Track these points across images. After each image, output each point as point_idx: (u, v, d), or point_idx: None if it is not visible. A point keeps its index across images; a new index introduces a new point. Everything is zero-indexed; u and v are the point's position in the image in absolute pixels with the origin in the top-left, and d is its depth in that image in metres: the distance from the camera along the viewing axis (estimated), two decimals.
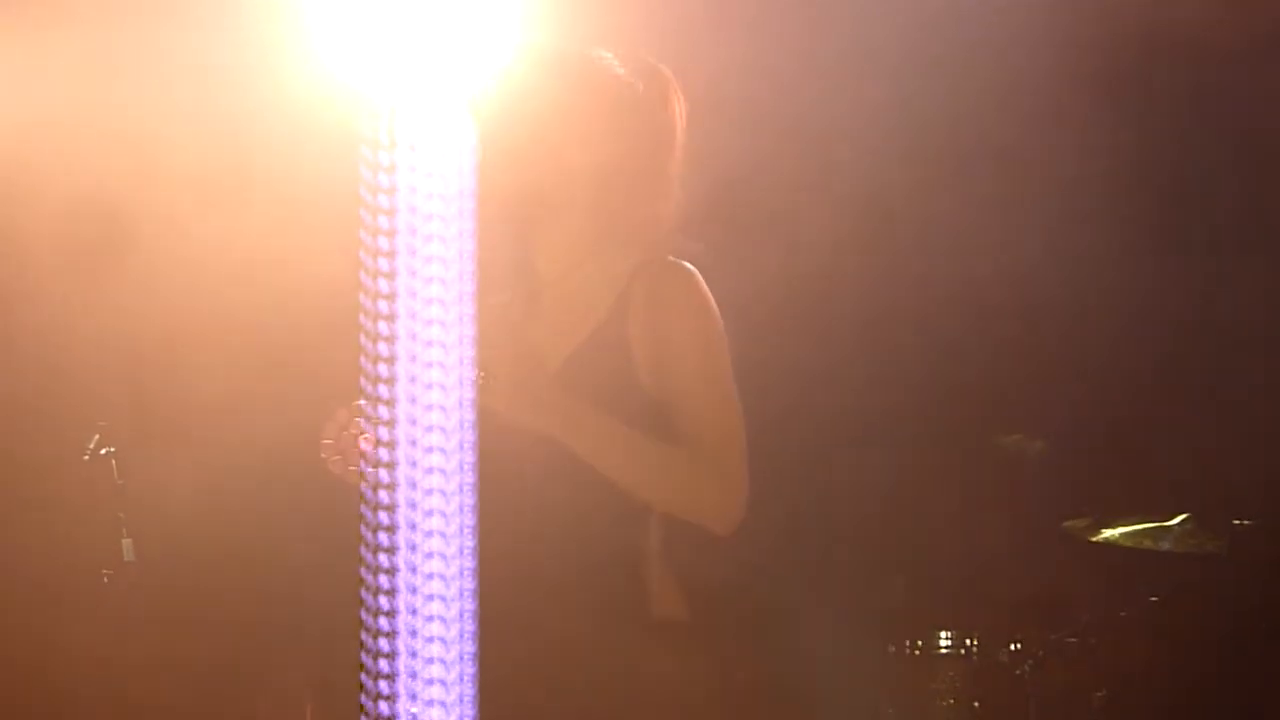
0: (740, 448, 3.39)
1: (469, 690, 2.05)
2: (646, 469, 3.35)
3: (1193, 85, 5.89)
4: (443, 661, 2.02)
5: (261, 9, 4.34)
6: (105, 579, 4.92)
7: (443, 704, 2.02)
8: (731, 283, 3.72)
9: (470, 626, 2.06)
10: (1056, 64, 5.54)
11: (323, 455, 3.35)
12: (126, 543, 4.88)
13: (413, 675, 2.01)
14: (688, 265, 3.46)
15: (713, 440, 3.37)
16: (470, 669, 2.04)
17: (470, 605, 2.09)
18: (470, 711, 2.02)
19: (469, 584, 2.09)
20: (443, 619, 2.02)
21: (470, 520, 2.11)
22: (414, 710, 1.99)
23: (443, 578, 2.02)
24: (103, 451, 4.96)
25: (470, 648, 2.04)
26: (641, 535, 3.43)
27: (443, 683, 2.03)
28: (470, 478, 2.12)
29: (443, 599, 2.03)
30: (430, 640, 2.02)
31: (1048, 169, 5.87)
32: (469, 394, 2.09)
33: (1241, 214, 6.01)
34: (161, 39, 4.95)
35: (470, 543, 2.10)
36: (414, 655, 2.00)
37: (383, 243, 2.02)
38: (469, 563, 2.09)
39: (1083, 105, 5.83)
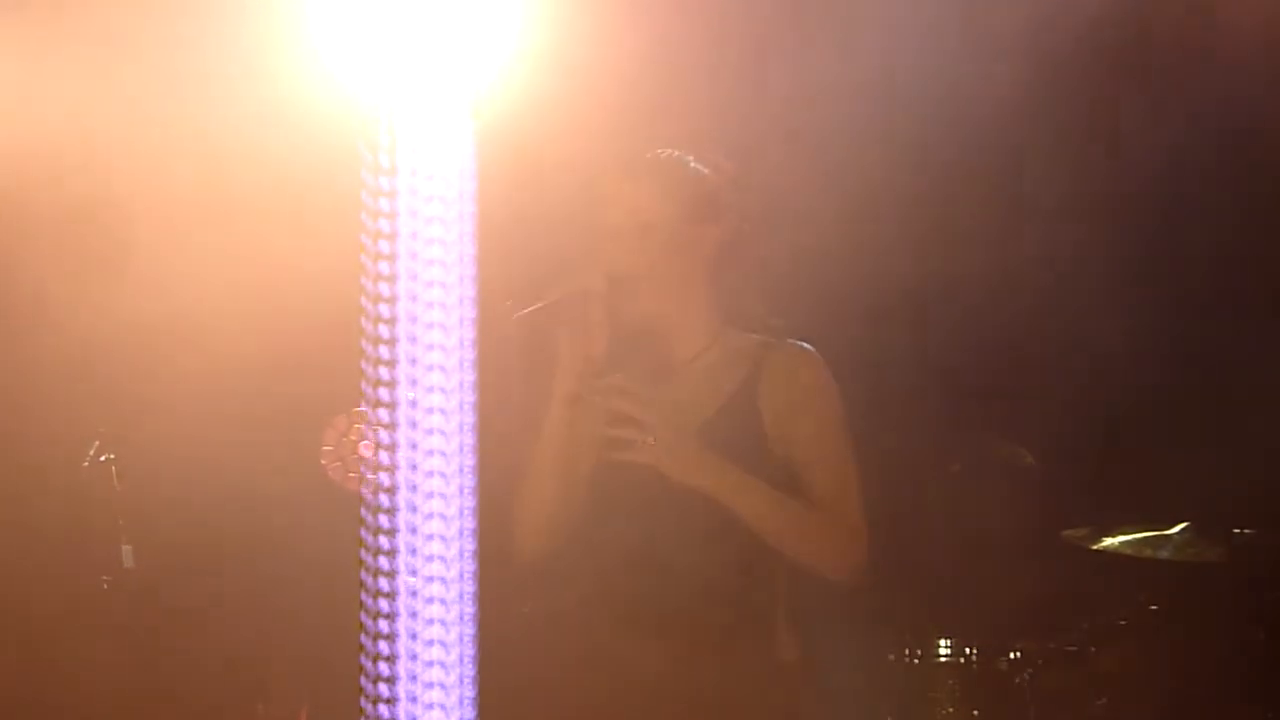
0: (861, 510, 3.94)
1: (469, 693, 2.04)
2: (787, 522, 3.87)
3: (1191, 88, 5.89)
4: (443, 665, 2.02)
5: (264, 14, 4.34)
6: (105, 585, 4.91)
7: (442, 714, 2.02)
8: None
9: (470, 630, 2.06)
10: (1056, 67, 5.55)
11: (323, 461, 3.37)
12: (126, 549, 4.88)
13: (413, 678, 2.01)
14: (812, 349, 3.99)
15: (839, 501, 3.91)
16: (470, 672, 2.04)
17: (470, 609, 2.09)
18: (470, 713, 2.02)
19: (469, 587, 2.09)
20: (443, 622, 2.03)
21: (470, 525, 2.11)
22: (414, 712, 1.99)
23: (443, 581, 2.02)
24: (102, 458, 4.95)
25: (470, 651, 2.04)
26: (771, 587, 3.95)
27: (443, 686, 2.03)
28: (470, 483, 2.12)
29: (443, 602, 2.03)
30: (430, 644, 2.02)
31: (1047, 179, 5.87)
32: (469, 400, 2.09)
33: (1240, 222, 6.01)
34: (161, 42, 4.95)
35: (470, 546, 2.10)
36: (414, 658, 2.00)
37: (384, 247, 2.02)
38: (469, 566, 2.09)
39: (1083, 112, 5.83)
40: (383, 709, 1.99)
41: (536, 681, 4.03)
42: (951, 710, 5.61)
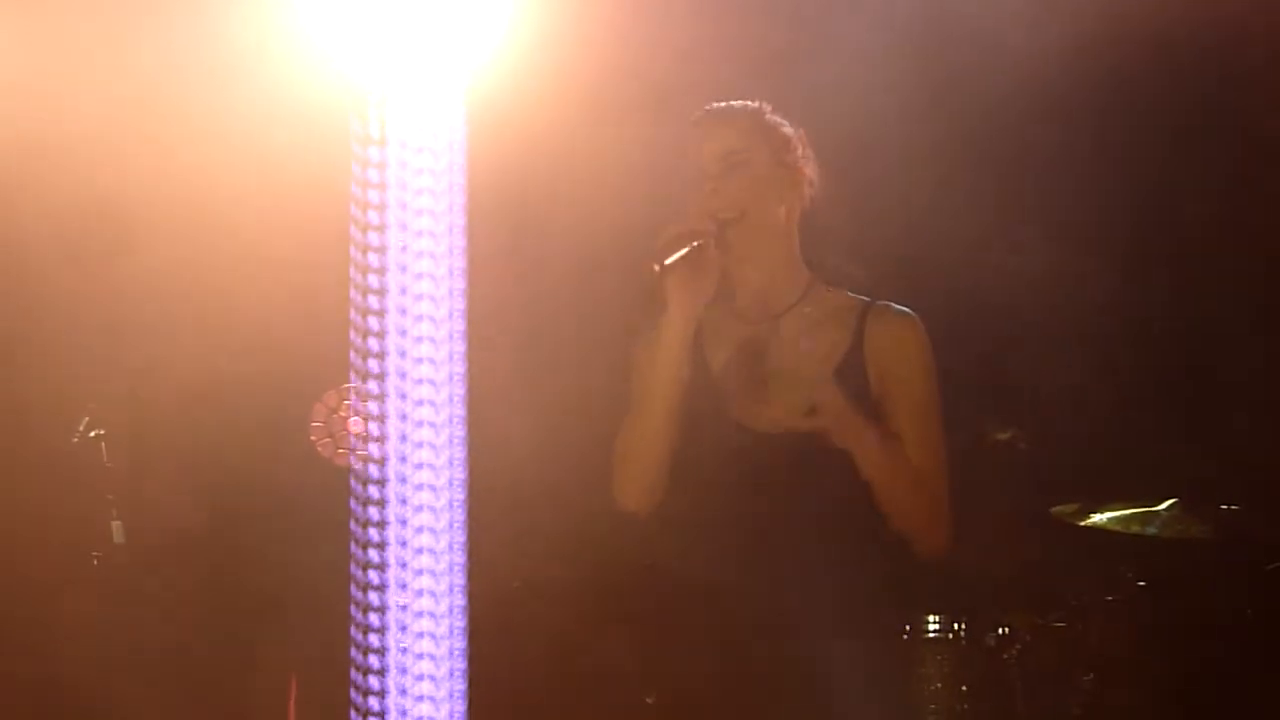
0: (946, 484, 3.95)
1: (459, 667, 2.05)
2: (896, 471, 3.87)
3: (1188, 86, 5.90)
4: (432, 636, 2.02)
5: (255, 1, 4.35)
6: (95, 561, 4.92)
7: (432, 684, 2.02)
8: None
9: (460, 602, 2.06)
10: (1054, 64, 5.55)
11: (312, 436, 3.37)
12: (116, 524, 4.88)
13: (403, 651, 2.01)
14: (913, 314, 4.00)
15: (932, 473, 3.93)
16: (460, 644, 2.04)
17: (460, 582, 2.09)
18: (460, 687, 2.03)
19: (459, 561, 2.09)
20: (433, 594, 2.03)
21: (461, 499, 2.11)
22: (404, 684, 2.00)
23: (433, 552, 2.03)
24: (92, 434, 4.95)
25: (460, 622, 2.04)
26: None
27: (432, 659, 2.03)
28: (461, 456, 2.12)
29: (432, 573, 2.03)
30: (420, 615, 2.03)
31: (1040, 166, 5.88)
32: (459, 377, 2.09)
33: (1230, 208, 6.02)
34: (151, 28, 4.94)
35: (461, 520, 2.10)
36: (403, 630, 2.00)
37: (373, 219, 2.02)
38: (460, 540, 2.09)
39: (1076, 106, 5.83)
40: (372, 680, 1.99)
41: (522, 654, 4.02)
42: (939, 686, 5.61)
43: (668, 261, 3.75)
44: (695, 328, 3.86)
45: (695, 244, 3.79)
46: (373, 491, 2.03)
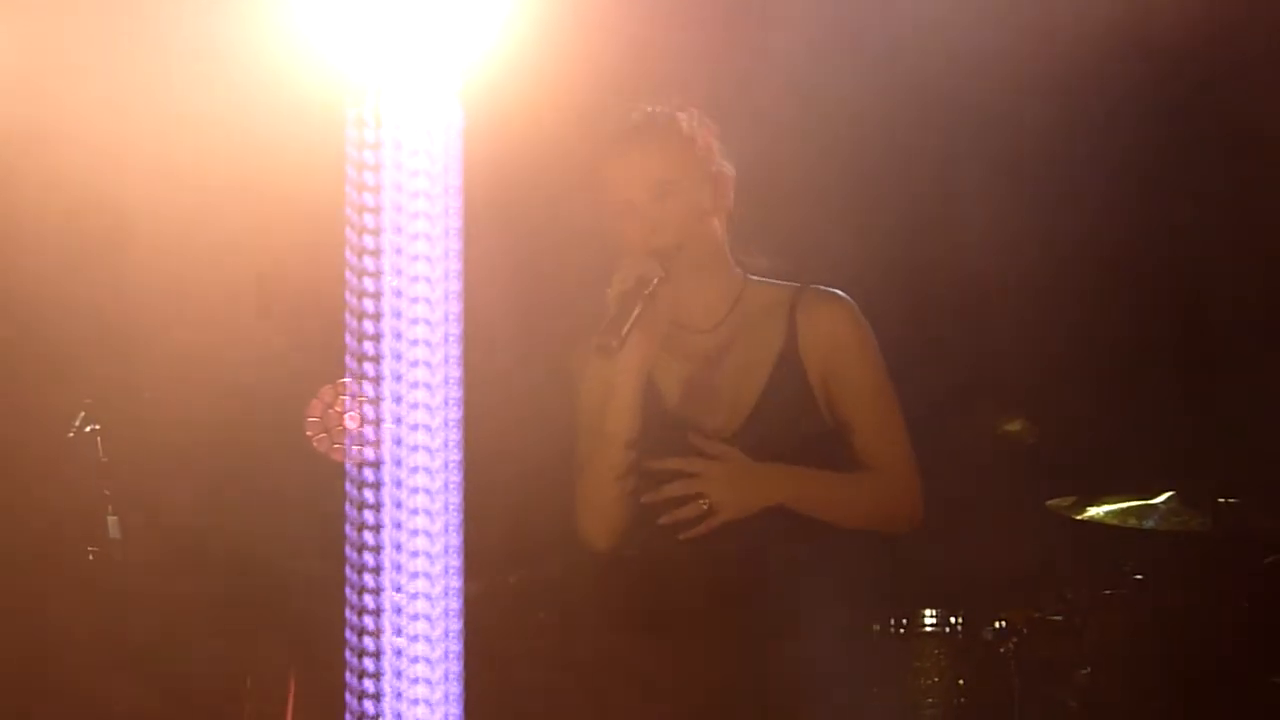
0: (912, 460, 3.89)
1: (454, 665, 2.04)
2: (848, 501, 3.84)
3: (1185, 79, 5.89)
4: (428, 639, 2.02)
5: None
6: (90, 556, 4.92)
7: (428, 687, 2.02)
8: None
9: (456, 597, 2.06)
10: (1053, 59, 5.55)
11: (308, 433, 3.36)
12: (112, 519, 4.88)
13: (398, 653, 2.01)
14: (844, 296, 3.89)
15: (890, 459, 3.86)
16: (456, 640, 2.04)
17: (456, 580, 2.09)
18: (456, 689, 2.03)
19: (455, 560, 2.08)
20: (428, 596, 2.03)
21: (456, 496, 2.11)
22: (398, 686, 1.99)
23: (428, 555, 2.02)
24: (88, 429, 4.95)
25: (456, 622, 2.04)
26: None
27: (427, 660, 2.03)
28: (456, 456, 2.11)
29: (428, 576, 2.03)
30: (415, 617, 2.02)
31: (1039, 158, 5.87)
32: (454, 373, 2.09)
33: (1229, 199, 6.02)
34: (147, 26, 4.93)
35: (456, 518, 2.10)
36: (399, 632, 2.00)
37: (368, 220, 2.02)
38: (455, 538, 2.09)
39: (1077, 97, 5.83)
40: (367, 682, 1.99)
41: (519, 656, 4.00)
42: (936, 680, 5.61)
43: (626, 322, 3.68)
44: (646, 368, 3.79)
45: (648, 292, 3.69)
46: (368, 491, 2.03)
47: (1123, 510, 5.76)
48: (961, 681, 5.61)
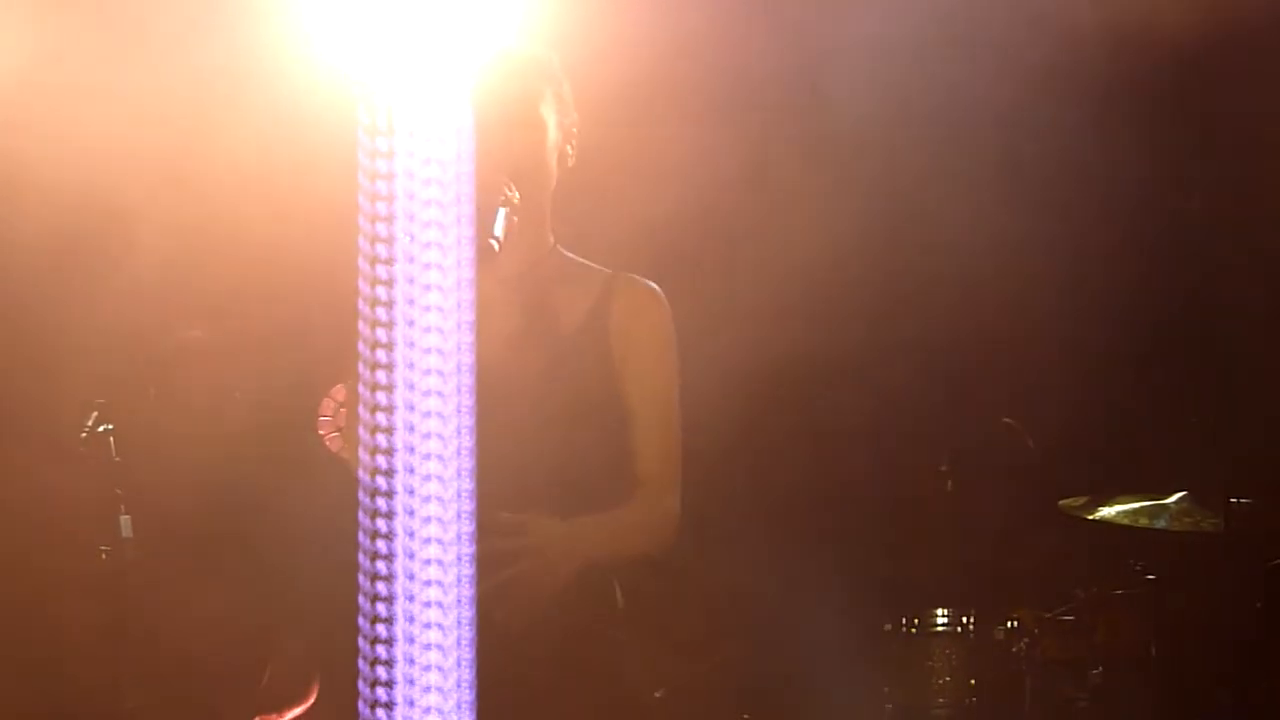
0: (677, 480, 3.79)
1: (466, 661, 2.05)
2: (618, 544, 3.75)
3: (1184, 81, 5.90)
4: (440, 627, 2.02)
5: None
6: (103, 555, 4.92)
7: (440, 680, 2.02)
8: (736, 278, 3.78)
9: (468, 594, 2.06)
10: (1056, 62, 5.55)
11: (320, 432, 3.38)
12: (124, 519, 4.88)
13: (410, 640, 2.01)
14: (657, 288, 3.83)
15: (661, 474, 3.78)
16: (468, 640, 2.04)
17: (468, 578, 2.09)
18: (468, 695, 2.02)
19: (466, 557, 2.09)
20: (440, 593, 2.02)
21: (468, 498, 2.11)
22: (411, 691, 1.99)
23: (440, 544, 2.02)
24: (100, 429, 4.96)
25: (468, 616, 2.04)
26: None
27: (440, 669, 2.03)
28: (468, 455, 2.12)
29: (440, 574, 2.03)
30: (428, 605, 2.03)
31: (1045, 163, 5.88)
32: (466, 365, 2.09)
33: (1233, 198, 6.01)
34: (159, 27, 4.95)
35: (468, 519, 2.10)
36: (410, 630, 2.00)
37: (380, 210, 2.02)
38: (467, 536, 2.09)
39: (1080, 103, 5.83)
40: (380, 670, 1.99)
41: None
42: (948, 679, 5.62)
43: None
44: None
45: (507, 196, 3.61)
46: (381, 485, 2.03)
47: (1134, 510, 5.75)
48: (973, 681, 5.62)
